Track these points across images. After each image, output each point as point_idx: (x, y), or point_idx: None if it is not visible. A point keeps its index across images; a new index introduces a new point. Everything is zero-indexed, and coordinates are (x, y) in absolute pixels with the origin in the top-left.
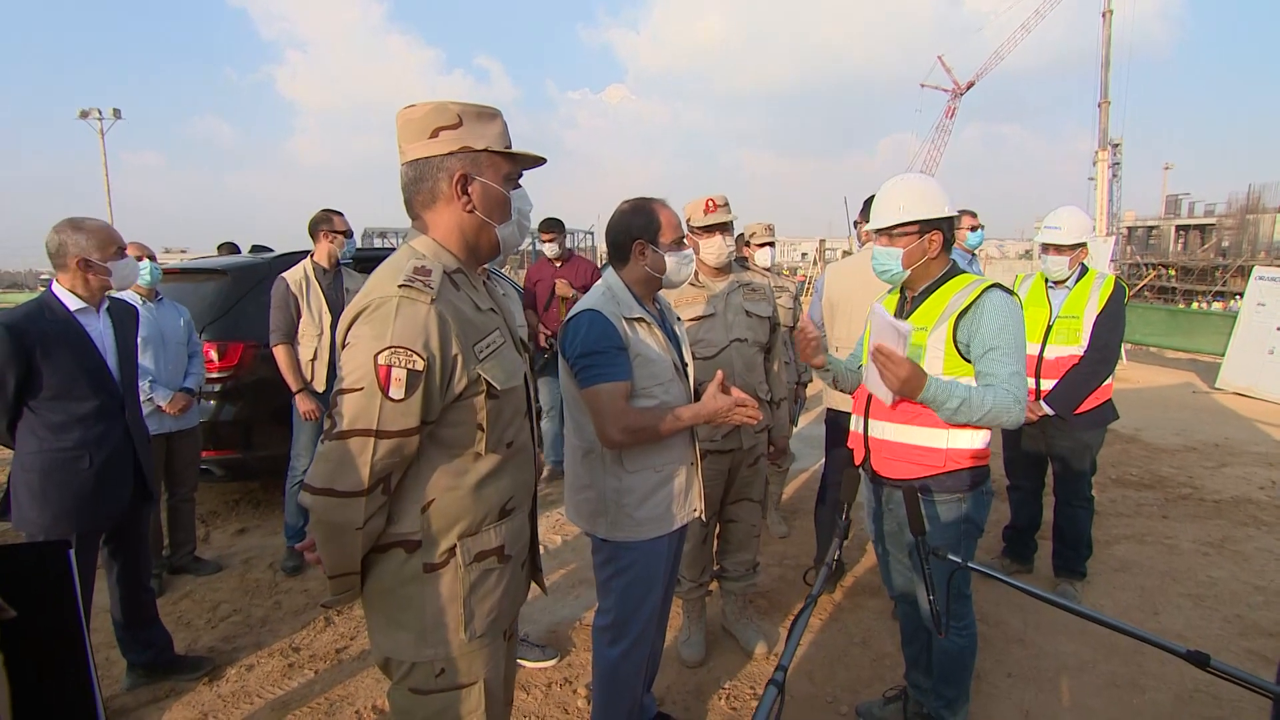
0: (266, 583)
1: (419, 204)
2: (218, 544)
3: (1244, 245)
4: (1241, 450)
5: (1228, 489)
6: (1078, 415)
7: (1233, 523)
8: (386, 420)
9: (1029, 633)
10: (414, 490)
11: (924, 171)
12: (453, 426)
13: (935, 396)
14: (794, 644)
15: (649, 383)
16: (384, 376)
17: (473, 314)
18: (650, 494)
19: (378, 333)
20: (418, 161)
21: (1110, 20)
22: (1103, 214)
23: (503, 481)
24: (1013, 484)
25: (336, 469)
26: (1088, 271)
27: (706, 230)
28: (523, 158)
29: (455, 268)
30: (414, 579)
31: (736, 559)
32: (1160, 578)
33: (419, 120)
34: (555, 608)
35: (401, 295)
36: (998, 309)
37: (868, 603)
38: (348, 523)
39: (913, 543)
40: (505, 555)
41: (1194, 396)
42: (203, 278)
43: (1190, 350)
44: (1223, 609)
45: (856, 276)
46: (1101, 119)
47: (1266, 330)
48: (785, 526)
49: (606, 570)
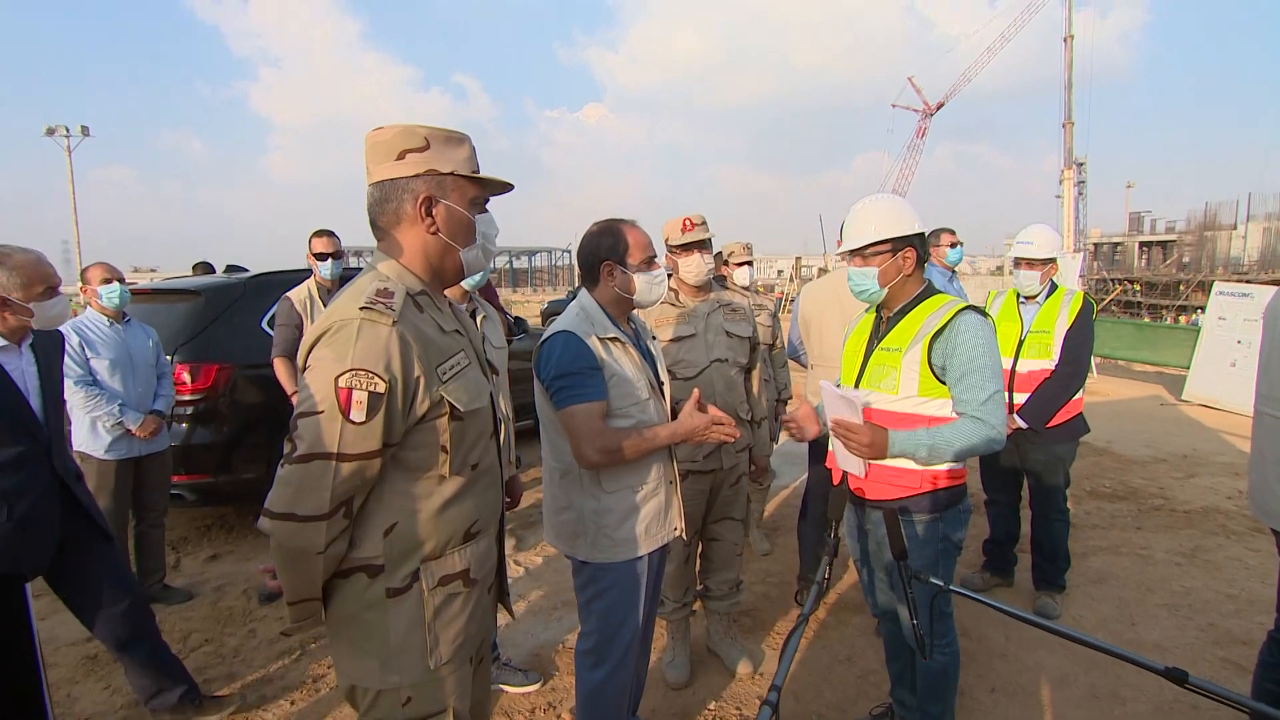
0: (240, 611)
1: (384, 225)
2: (188, 571)
3: (1203, 261)
4: (1209, 460)
5: (1197, 499)
6: (1050, 429)
7: (1203, 532)
8: (348, 443)
9: (1010, 647)
10: (376, 514)
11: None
12: (416, 449)
13: (903, 451)
14: (787, 664)
15: (625, 402)
16: (345, 399)
17: (436, 335)
18: (629, 514)
19: (338, 355)
20: (384, 183)
21: (1071, 45)
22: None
23: (467, 504)
24: (990, 498)
25: (297, 493)
26: (1057, 288)
27: (684, 249)
28: (489, 183)
29: (419, 289)
30: (377, 604)
31: (720, 578)
32: (1137, 589)
33: (386, 142)
34: (537, 631)
35: (363, 317)
36: (972, 332)
37: (852, 619)
38: (308, 547)
39: (893, 563)
40: (471, 579)
41: (1162, 408)
42: (175, 298)
43: (1157, 363)
44: (1197, 618)
45: (827, 294)
46: (1066, 139)
47: (1228, 343)
48: (767, 544)
49: (588, 592)
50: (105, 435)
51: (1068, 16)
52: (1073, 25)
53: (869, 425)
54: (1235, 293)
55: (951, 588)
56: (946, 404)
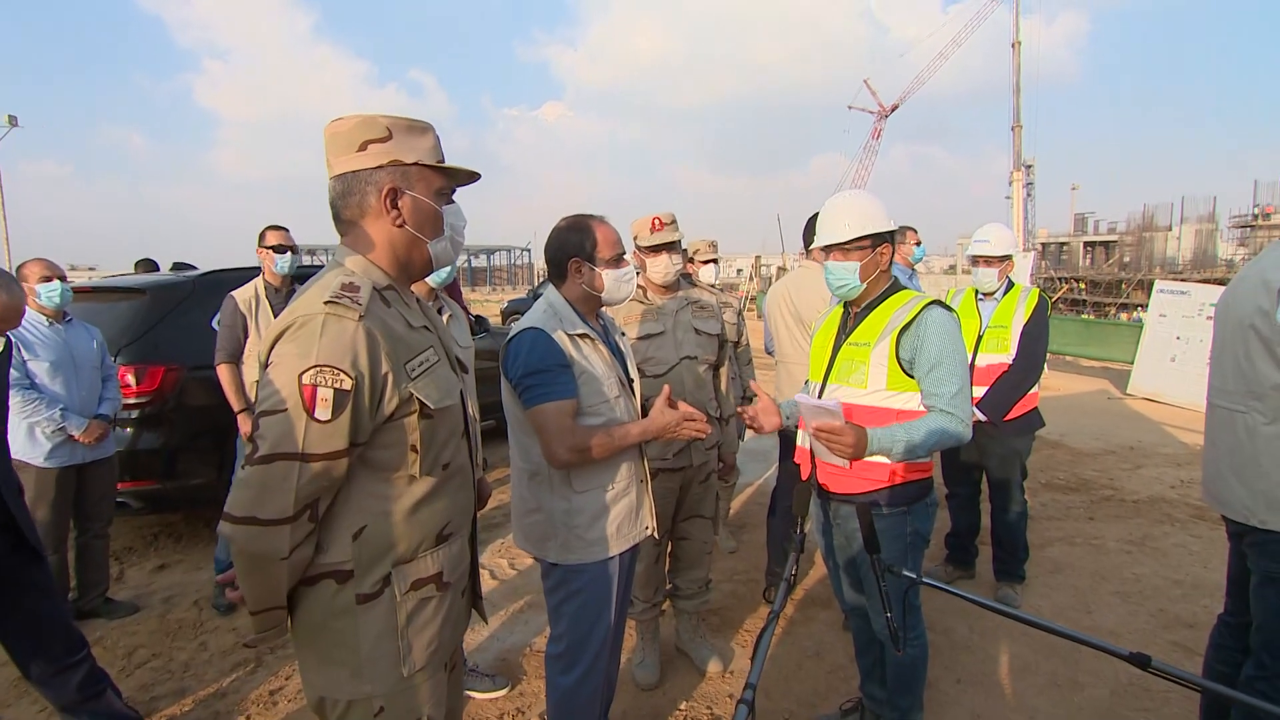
0: (190, 623)
1: (347, 219)
2: (134, 583)
3: (1142, 260)
4: (1153, 452)
5: (1144, 489)
6: (1008, 422)
7: (1150, 521)
8: (312, 443)
9: (974, 638)
10: (344, 517)
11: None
12: (384, 448)
13: (880, 446)
14: (760, 662)
15: (595, 400)
16: (309, 397)
17: (404, 331)
18: (600, 514)
19: (302, 351)
20: (345, 175)
21: (1019, 50)
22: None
23: (439, 505)
24: (951, 492)
25: (259, 496)
26: (1014, 285)
27: (653, 250)
28: (455, 172)
29: (386, 284)
30: (346, 611)
31: (689, 577)
32: (1091, 577)
33: (346, 133)
34: (504, 635)
35: (327, 312)
36: (940, 327)
37: (819, 615)
38: (272, 553)
39: (860, 557)
40: (444, 583)
41: (1109, 402)
42: (118, 297)
43: (1103, 359)
44: (1148, 604)
45: (780, 292)
46: (1015, 142)
47: (1168, 340)
48: (734, 541)
49: (558, 595)
50: (45, 442)
51: (1015, 23)
52: (1019, 31)
53: (852, 426)
54: (1174, 290)
55: (925, 580)
56: (914, 397)
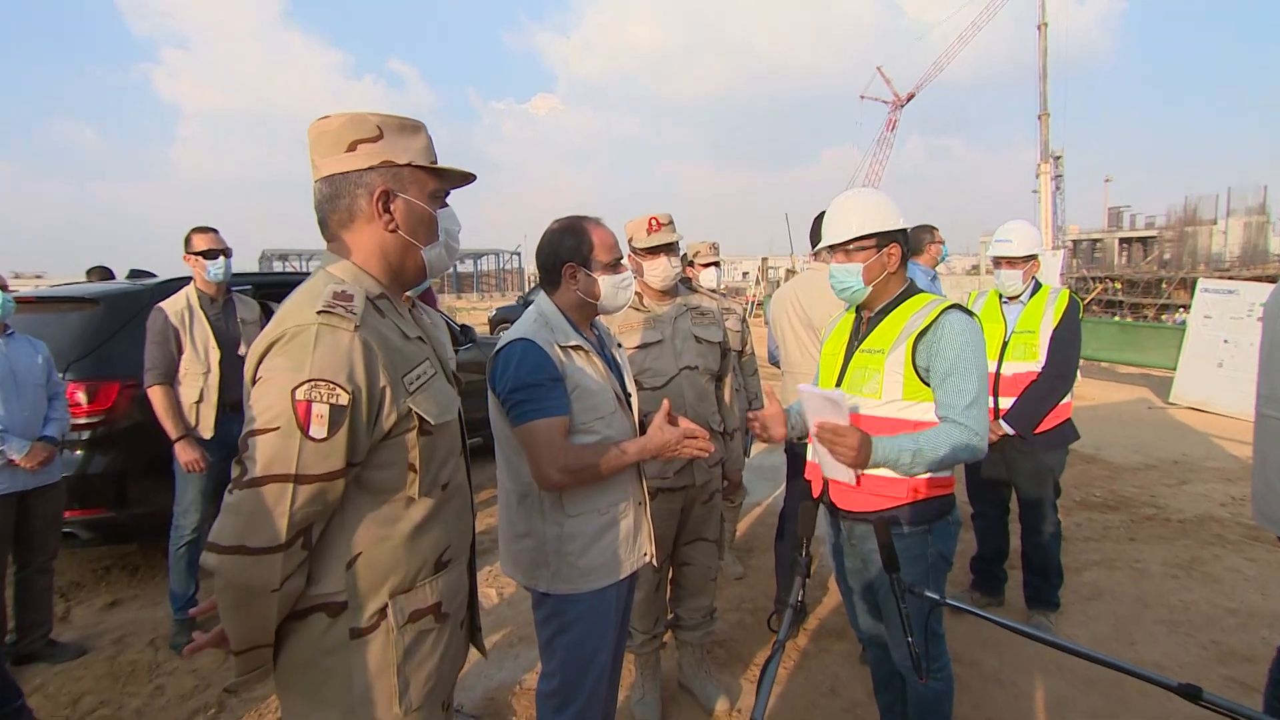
0: (145, 665)
1: (335, 224)
2: (81, 622)
3: (1184, 257)
4: (1200, 466)
5: (1190, 507)
6: (1038, 435)
7: (1199, 543)
8: (307, 463)
9: (1005, 671)
10: (338, 544)
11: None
12: (382, 468)
13: (886, 458)
14: (765, 696)
15: (589, 416)
16: (303, 413)
17: (400, 343)
18: (595, 539)
19: (295, 365)
20: (334, 177)
21: (1046, 32)
22: (1048, 227)
23: (438, 529)
24: (976, 511)
25: (249, 522)
26: (1041, 286)
27: (650, 252)
28: (450, 174)
29: (378, 293)
30: (338, 647)
31: (692, 606)
32: (1133, 604)
33: (334, 132)
34: (491, 671)
35: (321, 323)
36: (958, 332)
37: (834, 646)
38: (262, 584)
39: (878, 580)
40: (442, 614)
41: (1149, 412)
42: (69, 307)
43: (1142, 365)
44: (1198, 634)
45: (787, 296)
46: (1042, 131)
47: (1214, 343)
48: (740, 567)
49: (549, 627)
50: None
51: (1041, 2)
52: (1046, 12)
53: (855, 430)
54: (1220, 290)
55: (949, 601)
56: (932, 408)
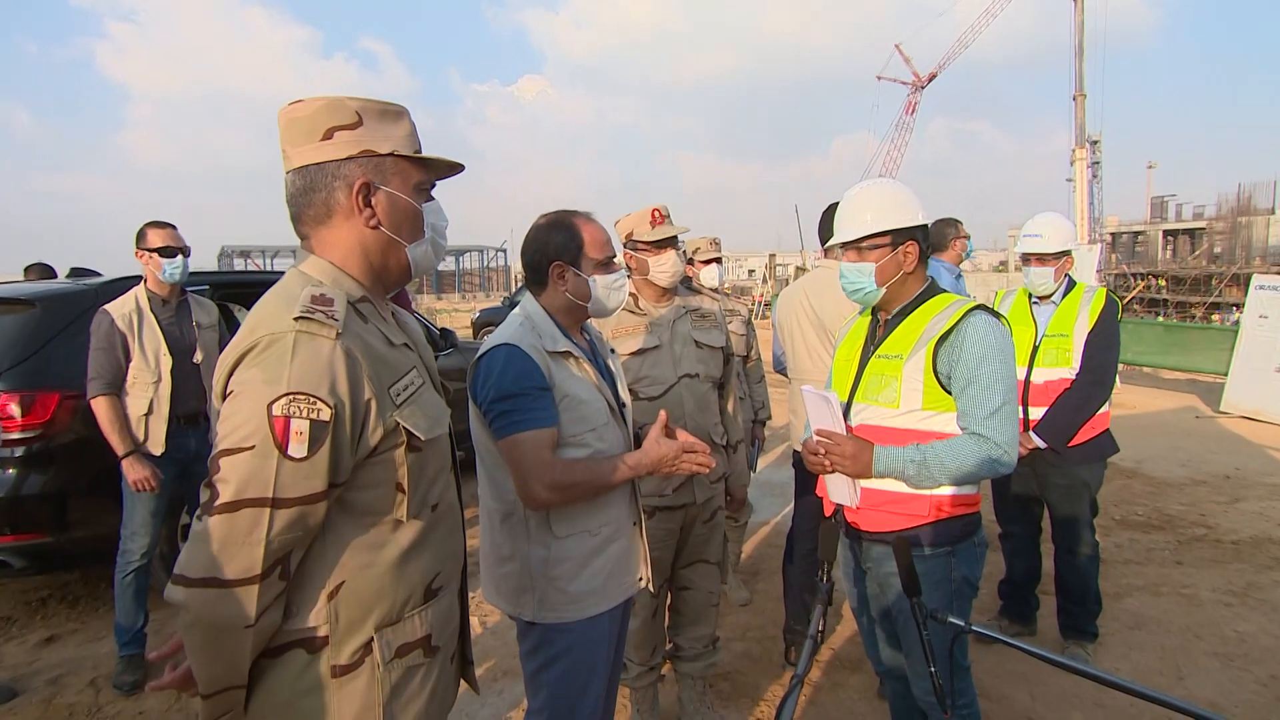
0: (84, 707)
1: (310, 220)
2: (13, 661)
3: (1237, 251)
4: (1255, 482)
5: (1245, 527)
6: (1073, 448)
7: (1255, 567)
8: (285, 485)
9: (1037, 708)
10: (318, 573)
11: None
12: (367, 489)
13: (889, 469)
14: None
15: (580, 429)
16: (281, 430)
17: (385, 350)
18: (586, 563)
19: (270, 377)
20: (308, 168)
21: (1082, 5)
22: (1083, 219)
23: (427, 554)
24: (1005, 531)
25: (220, 551)
26: (1075, 285)
27: (657, 246)
28: (436, 164)
29: (360, 296)
30: (318, 687)
31: (693, 634)
32: (1181, 635)
33: (308, 119)
34: (474, 708)
35: (299, 330)
36: (982, 336)
37: (849, 680)
38: (235, 620)
39: (897, 606)
40: (432, 647)
41: (1197, 422)
42: (1, 309)
43: (1189, 370)
44: (1255, 669)
45: (797, 296)
46: (1077, 113)
47: (1271, 345)
48: (746, 592)
49: (536, 659)
50: None
51: None
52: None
53: (852, 436)
54: (1277, 286)
55: (975, 628)
56: (955, 418)
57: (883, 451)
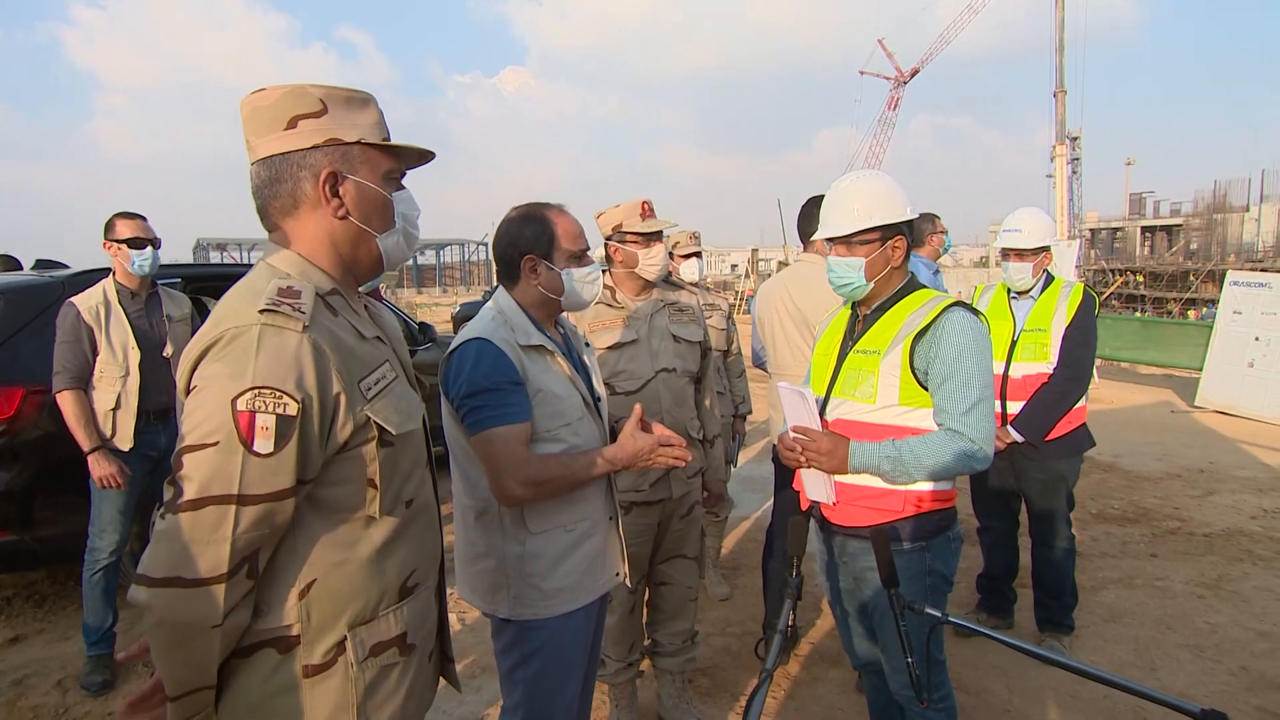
0: (50, 709)
1: (277, 211)
2: None
3: (1213, 247)
4: (1228, 475)
5: (1218, 520)
6: (1049, 442)
7: (1227, 559)
8: (251, 481)
9: (1014, 700)
10: (288, 570)
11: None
12: (337, 485)
13: (864, 464)
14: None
15: (554, 423)
16: (246, 425)
17: (356, 344)
18: (561, 559)
19: (235, 371)
20: (273, 159)
21: (1063, 2)
22: (1063, 214)
23: (402, 551)
24: (982, 525)
25: (185, 550)
26: (1054, 280)
27: (648, 238)
28: (405, 152)
29: (329, 288)
30: (290, 687)
31: (671, 629)
32: (1154, 627)
33: (272, 107)
34: (450, 706)
35: (264, 323)
36: (959, 332)
37: (827, 674)
38: (201, 620)
39: (874, 600)
40: (408, 645)
41: (1173, 416)
42: None
43: (1165, 365)
44: (1226, 660)
45: (777, 290)
46: (1058, 109)
47: (1245, 341)
48: (726, 587)
49: (511, 657)
50: None
51: None
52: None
53: (827, 432)
54: (1251, 283)
55: (953, 619)
56: (931, 414)
57: (859, 447)
